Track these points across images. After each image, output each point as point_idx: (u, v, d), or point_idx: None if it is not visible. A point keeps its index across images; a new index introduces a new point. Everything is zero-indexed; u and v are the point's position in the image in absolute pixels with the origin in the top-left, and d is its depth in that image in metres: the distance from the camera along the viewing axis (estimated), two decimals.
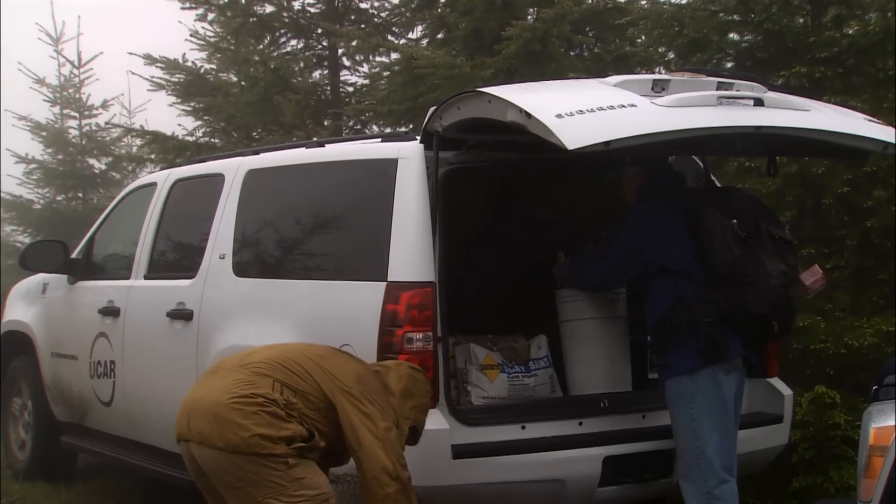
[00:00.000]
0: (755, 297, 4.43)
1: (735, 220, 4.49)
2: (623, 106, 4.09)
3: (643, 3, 8.63)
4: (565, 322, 5.02)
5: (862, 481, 3.25)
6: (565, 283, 4.98)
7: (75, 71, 14.24)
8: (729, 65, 7.38)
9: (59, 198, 14.01)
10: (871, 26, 6.44)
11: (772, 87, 4.70)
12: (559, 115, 3.91)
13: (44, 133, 14.04)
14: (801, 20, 6.79)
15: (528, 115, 3.95)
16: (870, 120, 4.72)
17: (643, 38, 7.88)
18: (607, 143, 3.80)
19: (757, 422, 5.05)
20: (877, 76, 6.65)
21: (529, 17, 8.65)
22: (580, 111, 3.96)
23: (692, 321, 4.37)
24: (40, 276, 7.29)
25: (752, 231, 4.52)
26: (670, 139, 4.15)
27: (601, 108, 4.02)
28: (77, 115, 14.24)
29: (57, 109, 14.26)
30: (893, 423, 3.15)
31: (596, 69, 7.98)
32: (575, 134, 3.81)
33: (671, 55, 7.84)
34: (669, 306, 4.45)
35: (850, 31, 6.62)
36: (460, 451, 4.37)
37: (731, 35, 7.09)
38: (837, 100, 6.20)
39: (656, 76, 4.56)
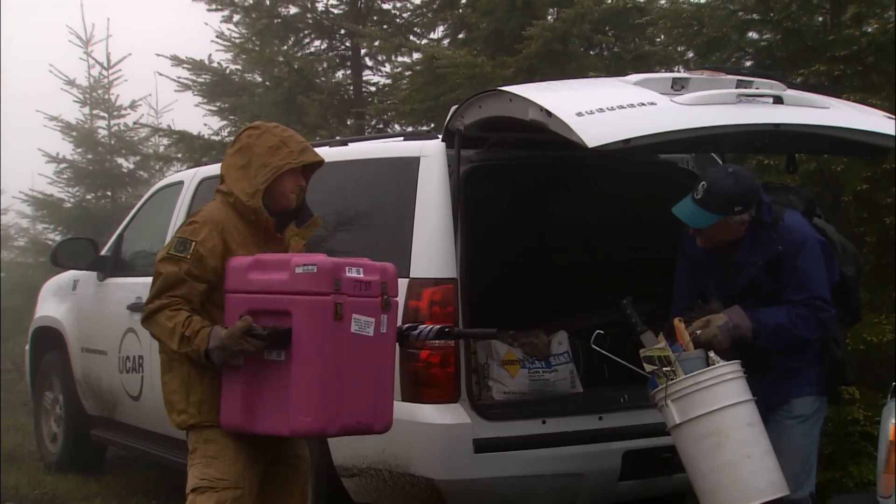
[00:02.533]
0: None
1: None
2: (643, 104, 4.08)
3: (662, 2, 8.59)
4: (741, 404, 3.80)
5: (882, 477, 3.25)
6: (727, 344, 3.94)
7: (104, 72, 14.28)
8: (748, 63, 7.35)
9: (88, 196, 14.06)
10: (890, 24, 6.39)
11: (791, 85, 4.64)
12: (579, 114, 3.90)
13: (74, 133, 14.10)
14: (821, 19, 6.75)
15: (549, 114, 3.94)
16: (889, 117, 4.67)
17: (662, 37, 7.85)
18: (627, 140, 3.78)
19: None
20: None
21: (550, 16, 8.64)
22: (600, 109, 3.95)
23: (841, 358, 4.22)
24: (71, 273, 7.34)
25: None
26: (689, 137, 4.12)
27: (621, 107, 4.01)
28: (106, 115, 14.28)
29: (87, 110, 14.31)
30: None
31: (616, 68, 7.95)
32: (595, 132, 3.80)
33: (690, 54, 7.82)
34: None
35: (870, 30, 6.56)
36: (482, 446, 4.37)
37: (750, 34, 7.06)
38: (857, 98, 6.18)
39: (676, 74, 4.52)
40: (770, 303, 4.01)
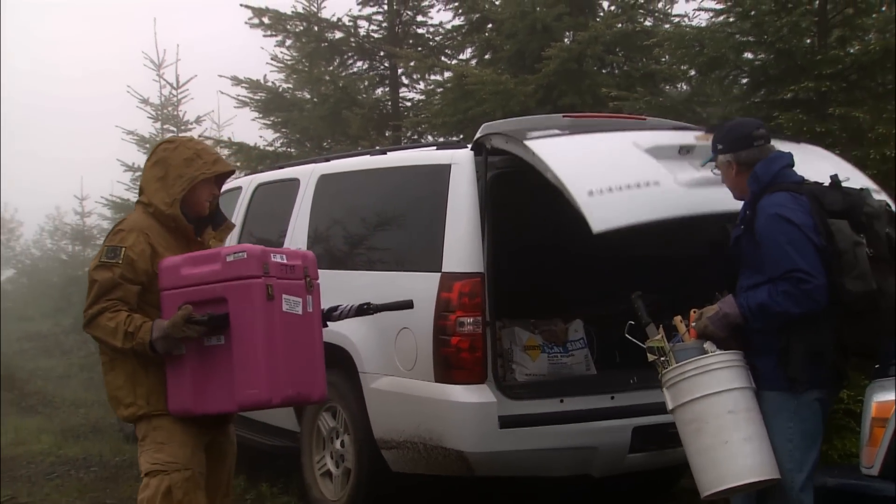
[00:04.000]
0: (883, 326, 3.56)
1: (863, 235, 3.56)
2: (648, 184, 4.03)
3: (667, 26, 8.56)
4: (723, 392, 3.59)
5: (865, 449, 3.21)
6: (723, 334, 3.67)
7: (174, 92, 14.41)
8: (744, 81, 7.29)
9: None
10: (871, 46, 6.37)
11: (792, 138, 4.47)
12: (590, 193, 3.87)
13: (147, 145, 14.18)
14: (809, 40, 6.70)
15: (564, 186, 3.90)
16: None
17: (667, 56, 7.79)
18: (629, 226, 3.82)
19: None
20: (877, 90, 6.58)
21: (566, 39, 8.60)
22: (609, 189, 3.92)
23: (816, 351, 3.54)
24: None
25: (883, 251, 3.56)
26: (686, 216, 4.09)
27: (628, 186, 3.96)
28: (175, 129, 14.38)
29: (158, 125, 14.43)
30: (893, 398, 3.10)
31: (625, 85, 7.92)
32: (602, 215, 3.81)
33: (692, 72, 7.78)
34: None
35: (853, 51, 6.57)
36: (506, 422, 4.35)
37: (746, 54, 7.02)
38: (842, 111, 6.15)
39: (682, 140, 4.40)
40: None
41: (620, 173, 4.04)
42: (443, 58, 10.32)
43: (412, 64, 9.85)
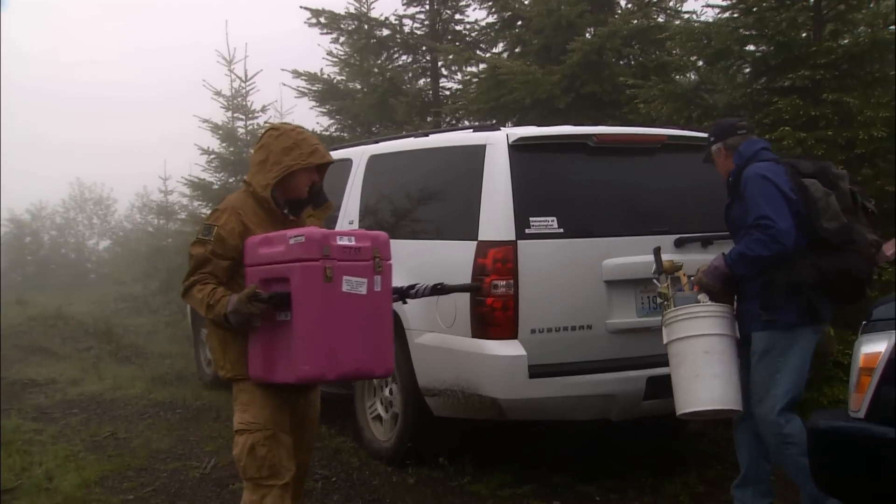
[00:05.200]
0: (858, 263, 3.81)
1: (833, 192, 3.86)
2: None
3: (677, 22, 8.43)
4: (703, 336, 3.86)
5: (852, 396, 3.19)
6: (717, 286, 3.91)
7: (243, 84, 14.44)
8: (747, 70, 7.17)
9: (230, 179, 14.26)
10: (861, 38, 6.29)
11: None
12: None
13: (220, 132, 14.31)
14: (805, 34, 6.60)
15: None
16: None
17: (678, 49, 7.68)
18: None
19: None
20: (866, 78, 6.43)
21: (588, 34, 8.51)
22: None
23: (794, 283, 3.76)
24: None
25: (849, 203, 3.89)
26: None
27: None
28: (243, 117, 14.46)
29: (229, 114, 14.50)
30: (879, 350, 3.08)
31: (640, 75, 7.80)
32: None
33: (700, 63, 7.70)
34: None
35: (845, 43, 6.47)
36: (535, 373, 4.35)
37: (748, 46, 6.90)
38: (834, 97, 6.06)
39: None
40: None
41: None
42: (478, 51, 10.26)
43: (451, 57, 9.79)
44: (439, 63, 10.78)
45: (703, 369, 3.84)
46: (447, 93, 10.92)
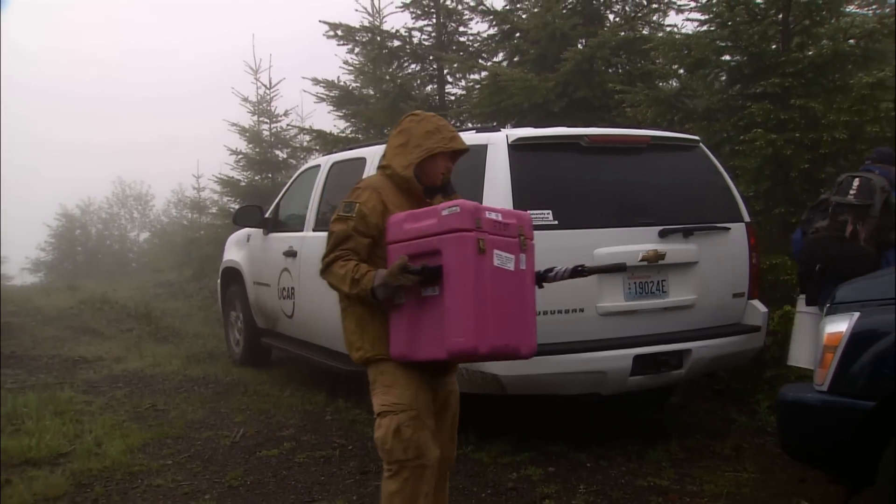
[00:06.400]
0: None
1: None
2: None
3: (661, 34, 8.40)
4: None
5: (817, 371, 3.19)
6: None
7: (267, 91, 14.45)
8: (723, 78, 7.16)
9: (256, 177, 14.28)
10: (824, 50, 6.28)
11: None
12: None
13: (247, 134, 14.31)
14: (775, 46, 6.58)
15: None
16: None
17: (661, 58, 7.65)
18: None
19: (741, 330, 4.89)
20: (829, 86, 6.42)
21: (580, 44, 8.47)
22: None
23: None
24: (245, 230, 7.44)
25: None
26: None
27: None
28: (268, 121, 14.45)
29: (255, 118, 14.51)
30: (841, 330, 3.09)
31: (627, 81, 7.77)
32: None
33: (681, 71, 7.67)
34: None
35: (810, 54, 6.44)
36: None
37: (724, 56, 6.90)
38: (801, 102, 6.04)
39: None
40: None
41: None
42: (480, 60, 10.22)
43: (455, 65, 9.79)
44: (445, 71, 10.75)
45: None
46: (452, 98, 10.89)
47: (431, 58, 10.81)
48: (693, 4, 7.05)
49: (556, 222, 4.44)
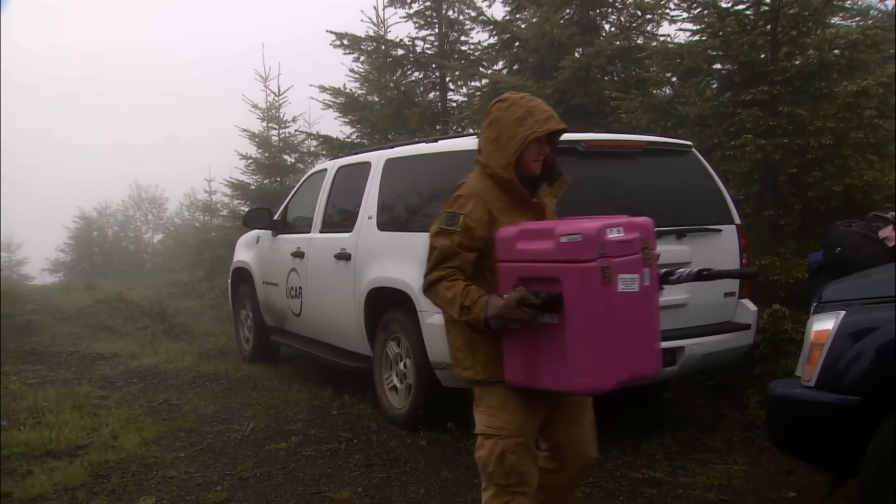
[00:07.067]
0: None
1: None
2: None
3: (654, 44, 8.40)
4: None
5: (804, 367, 3.21)
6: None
7: (276, 98, 14.46)
8: (714, 86, 7.16)
9: (265, 181, 14.28)
10: (811, 59, 6.31)
11: None
12: None
13: (256, 139, 14.31)
14: (764, 55, 6.58)
15: None
16: None
17: (655, 66, 7.65)
18: None
19: (732, 328, 4.89)
20: (815, 93, 6.42)
21: (577, 53, 8.47)
22: None
23: None
24: (255, 232, 7.45)
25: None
26: None
27: None
28: (276, 126, 14.46)
29: (264, 124, 14.51)
30: (828, 328, 3.10)
31: (622, 88, 7.77)
32: None
33: (674, 79, 7.68)
34: None
35: (797, 63, 6.44)
36: None
37: (715, 65, 6.90)
38: (789, 109, 6.05)
39: None
40: None
41: None
42: (481, 68, 10.22)
43: (457, 73, 9.79)
44: (447, 79, 10.76)
45: None
46: (454, 104, 10.90)
47: (434, 66, 10.82)
48: (686, 15, 7.08)
49: None
